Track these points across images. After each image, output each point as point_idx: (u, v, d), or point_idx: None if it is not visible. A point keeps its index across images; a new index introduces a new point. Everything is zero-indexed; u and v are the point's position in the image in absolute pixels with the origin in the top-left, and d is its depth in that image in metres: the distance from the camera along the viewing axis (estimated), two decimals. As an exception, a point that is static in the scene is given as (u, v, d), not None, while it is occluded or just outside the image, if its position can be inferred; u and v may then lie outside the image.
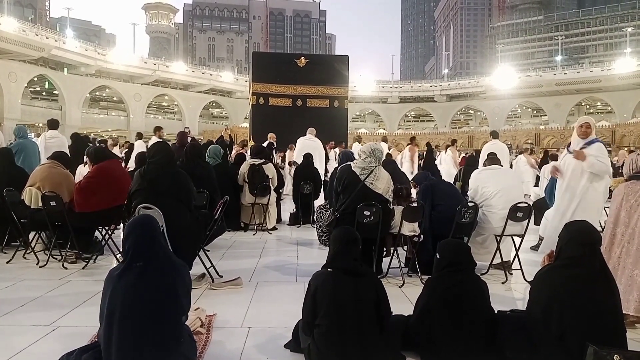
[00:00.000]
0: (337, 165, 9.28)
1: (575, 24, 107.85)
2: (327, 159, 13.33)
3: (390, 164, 6.85)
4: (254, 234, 7.67)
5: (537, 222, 6.80)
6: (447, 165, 14.09)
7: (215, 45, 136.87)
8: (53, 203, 5.16)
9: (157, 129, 11.56)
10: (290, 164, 12.47)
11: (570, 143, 5.36)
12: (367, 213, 4.66)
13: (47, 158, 6.31)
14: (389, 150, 14.22)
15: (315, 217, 7.63)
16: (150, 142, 10.64)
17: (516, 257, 5.18)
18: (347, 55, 19.61)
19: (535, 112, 62.96)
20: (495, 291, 4.18)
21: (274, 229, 8.06)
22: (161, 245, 2.82)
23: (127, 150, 13.70)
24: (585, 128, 5.17)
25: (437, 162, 14.11)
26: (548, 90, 56.24)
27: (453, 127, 62.05)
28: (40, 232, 5.73)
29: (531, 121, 61.86)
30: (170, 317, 2.68)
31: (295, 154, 11.63)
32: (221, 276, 4.88)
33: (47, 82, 48.14)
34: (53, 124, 9.55)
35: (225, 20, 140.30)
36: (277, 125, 16.15)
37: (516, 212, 5.00)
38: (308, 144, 11.46)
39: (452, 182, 8.85)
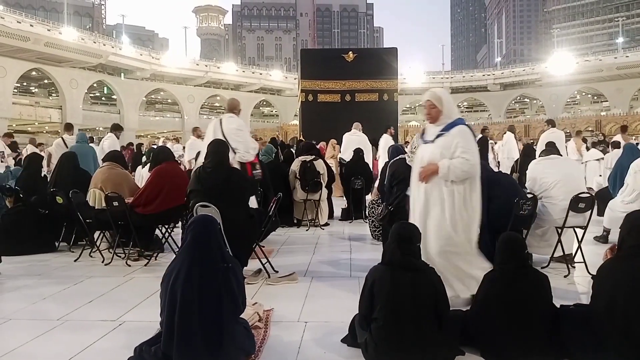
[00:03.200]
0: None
1: (637, 3, 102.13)
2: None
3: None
4: (306, 230, 7.72)
5: (601, 213, 6.53)
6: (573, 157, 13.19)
7: (264, 45, 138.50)
8: (116, 203, 5.38)
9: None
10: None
11: (424, 130, 4.11)
12: (421, 207, 4.59)
13: (102, 160, 6.57)
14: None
15: (367, 212, 7.61)
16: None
17: (579, 250, 4.98)
18: (396, 48, 19.34)
19: (595, 98, 60.15)
20: (557, 285, 4.05)
21: (327, 224, 8.10)
22: (217, 243, 2.91)
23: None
24: (429, 108, 3.86)
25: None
26: (609, 75, 53.52)
27: (508, 116, 60.15)
28: (105, 231, 6.00)
29: (591, 108, 59.17)
30: (226, 312, 2.76)
31: (342, 150, 11.57)
32: (276, 271, 4.95)
33: (105, 88, 50.13)
34: (115, 128, 10.18)
35: (273, 19, 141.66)
36: (326, 121, 16.14)
37: (578, 203, 4.81)
38: (353, 139, 11.38)
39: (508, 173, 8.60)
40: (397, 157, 5.33)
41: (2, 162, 10.78)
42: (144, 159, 11.41)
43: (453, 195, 3.73)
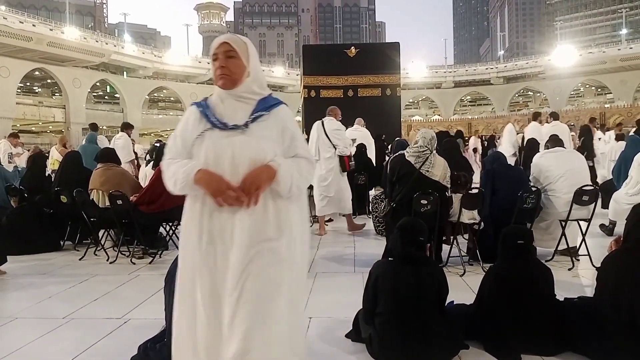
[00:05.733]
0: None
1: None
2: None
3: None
4: (310, 226, 7.73)
5: (605, 206, 6.51)
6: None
7: (265, 41, 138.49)
8: (120, 202, 5.40)
9: None
10: None
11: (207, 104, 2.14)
12: (424, 202, 4.59)
13: (95, 160, 6.42)
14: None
15: (370, 208, 7.60)
16: None
17: (583, 243, 4.97)
18: (398, 42, 19.32)
19: (599, 90, 59.89)
20: (561, 278, 4.06)
21: (330, 220, 8.08)
22: None
23: None
24: (226, 58, 2.03)
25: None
26: (612, 67, 53.26)
27: (512, 109, 59.96)
28: (109, 229, 6.01)
29: (595, 100, 58.90)
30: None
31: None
32: (281, 268, 4.94)
33: (108, 86, 50.22)
34: (126, 127, 10.29)
35: (275, 15, 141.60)
36: (330, 117, 16.12)
37: (582, 196, 4.80)
38: (356, 134, 11.34)
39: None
40: (398, 153, 5.32)
41: (10, 162, 10.83)
42: (147, 157, 11.46)
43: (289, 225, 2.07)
